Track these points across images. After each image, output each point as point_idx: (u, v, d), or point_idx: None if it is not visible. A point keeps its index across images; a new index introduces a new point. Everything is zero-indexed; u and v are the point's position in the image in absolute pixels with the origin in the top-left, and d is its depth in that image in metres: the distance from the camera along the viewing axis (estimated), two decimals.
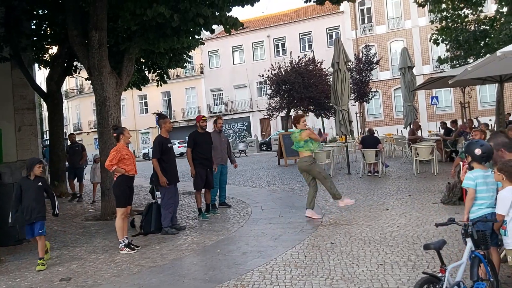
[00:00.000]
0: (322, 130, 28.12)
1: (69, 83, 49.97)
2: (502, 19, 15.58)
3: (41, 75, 31.64)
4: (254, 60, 43.99)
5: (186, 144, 9.03)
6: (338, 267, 5.01)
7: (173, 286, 4.82)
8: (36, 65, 16.35)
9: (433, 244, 3.55)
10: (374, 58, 30.67)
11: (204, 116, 8.98)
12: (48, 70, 14.93)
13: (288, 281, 4.70)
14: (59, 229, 8.81)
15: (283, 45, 42.67)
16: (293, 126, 8.18)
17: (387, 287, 4.29)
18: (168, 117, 8.15)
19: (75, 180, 13.14)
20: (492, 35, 15.66)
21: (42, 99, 16.45)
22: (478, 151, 4.00)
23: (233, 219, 8.41)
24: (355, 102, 30.79)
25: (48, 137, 17.51)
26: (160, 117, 8.02)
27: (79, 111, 52.96)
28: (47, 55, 15.19)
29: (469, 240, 3.66)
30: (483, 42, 16.93)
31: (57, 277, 5.55)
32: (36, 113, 16.31)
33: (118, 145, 6.84)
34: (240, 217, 8.46)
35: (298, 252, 5.76)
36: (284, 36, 42.82)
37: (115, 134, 7.01)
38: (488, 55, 12.80)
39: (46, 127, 31.11)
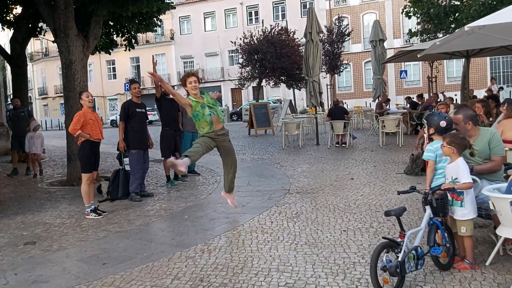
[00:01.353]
0: (293, 102, 28.11)
1: (34, 46, 48.15)
2: None
3: (4, 36, 30.32)
4: (226, 28, 43.33)
5: (154, 112, 8.96)
6: (303, 233, 5.14)
7: (140, 251, 4.85)
8: (0, 25, 15.67)
9: (394, 211, 3.68)
10: (346, 29, 30.70)
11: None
12: (12, 31, 14.32)
13: (254, 246, 4.80)
14: (24, 194, 8.66)
15: (256, 13, 42.12)
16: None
17: (349, 251, 4.44)
18: (139, 82, 8.01)
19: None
20: (462, 10, 15.88)
21: (6, 61, 15.84)
22: (443, 123, 4.13)
23: (201, 186, 8.45)
24: (326, 74, 30.92)
25: (11, 101, 16.91)
26: (130, 82, 7.98)
27: (45, 75, 51.30)
28: (11, 16, 14.53)
29: (428, 208, 3.80)
30: (453, 17, 17.16)
31: (22, 241, 5.49)
32: None
33: (82, 110, 6.72)
34: (209, 185, 8.51)
35: (265, 218, 5.87)
36: (258, 4, 42.23)
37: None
38: (457, 30, 12.99)
39: (10, 90, 30.07)
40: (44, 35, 14.97)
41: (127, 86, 35.49)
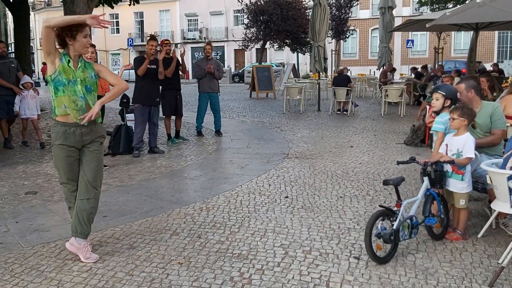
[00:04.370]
0: (296, 66, 27.74)
1: None
2: None
3: None
4: None
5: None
6: (300, 197, 5.22)
7: (140, 205, 4.93)
8: None
9: (392, 180, 3.72)
10: None
11: (167, 40, 8.80)
12: None
13: (251, 206, 4.88)
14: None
15: None
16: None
17: (344, 217, 4.52)
18: (157, 40, 7.90)
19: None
20: None
21: (7, 9, 15.56)
22: (458, 94, 4.18)
23: (202, 147, 8.50)
24: (332, 39, 30.49)
25: (13, 50, 16.70)
26: (149, 38, 7.92)
27: None
28: None
29: (426, 179, 3.85)
30: None
31: (23, 190, 5.57)
32: (0, 24, 15.52)
33: None
34: (209, 145, 8.56)
35: (263, 181, 5.94)
36: None
37: None
38: (468, 1, 12.75)
39: (11, 39, 29.63)
40: None
41: (130, 41, 35.09)
